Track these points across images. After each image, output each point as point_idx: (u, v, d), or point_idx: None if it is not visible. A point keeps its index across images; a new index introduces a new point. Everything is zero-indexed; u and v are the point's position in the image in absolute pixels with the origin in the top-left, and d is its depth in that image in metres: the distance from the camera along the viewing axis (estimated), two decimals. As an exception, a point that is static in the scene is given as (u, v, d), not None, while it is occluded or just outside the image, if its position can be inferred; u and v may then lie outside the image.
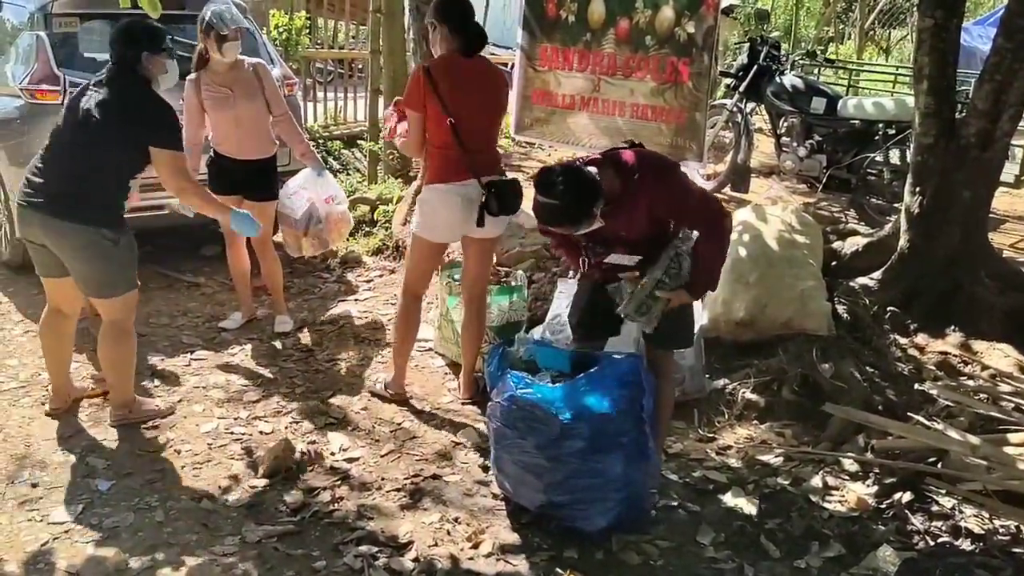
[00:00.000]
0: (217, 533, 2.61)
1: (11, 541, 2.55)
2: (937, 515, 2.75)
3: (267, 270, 4.38)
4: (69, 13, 4.80)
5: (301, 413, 3.48)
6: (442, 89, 3.31)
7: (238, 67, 4.09)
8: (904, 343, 3.87)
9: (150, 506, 2.74)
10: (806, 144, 6.47)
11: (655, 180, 2.65)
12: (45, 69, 4.63)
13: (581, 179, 2.54)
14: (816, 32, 17.46)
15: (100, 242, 3.03)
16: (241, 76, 4.08)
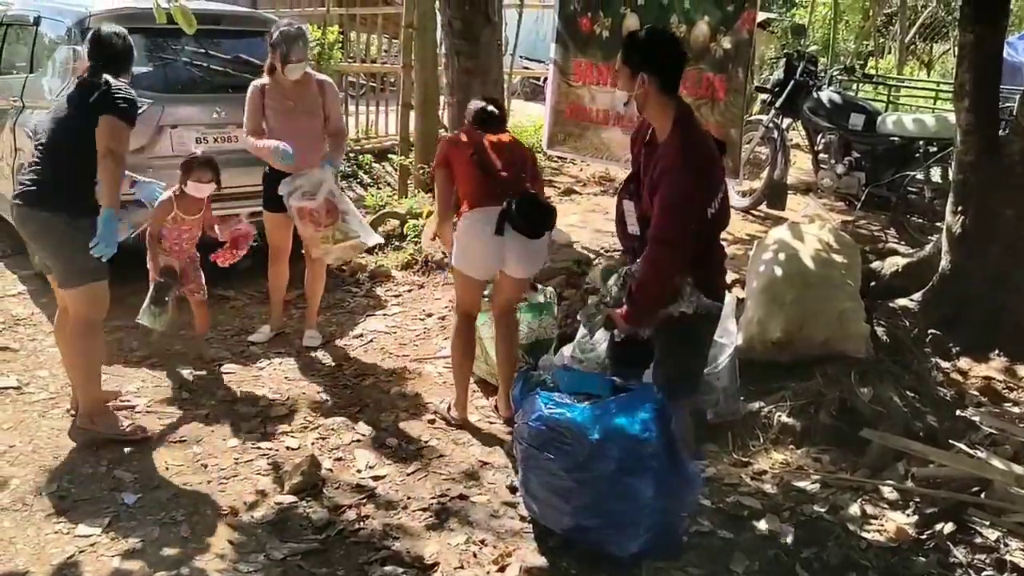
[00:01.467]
0: (242, 550, 2.60)
1: (38, 553, 2.55)
2: (981, 548, 2.65)
3: (313, 278, 4.38)
4: (105, 29, 4.86)
5: (328, 429, 3.46)
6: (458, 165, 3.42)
7: (305, 82, 4.11)
8: (946, 367, 3.77)
9: (176, 520, 2.73)
10: (844, 161, 6.37)
11: (672, 154, 2.58)
12: (80, 83, 4.69)
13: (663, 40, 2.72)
14: (855, 47, 17.24)
15: (60, 228, 3.04)
16: (306, 91, 4.11)
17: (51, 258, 3.17)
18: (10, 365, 3.90)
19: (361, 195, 7.45)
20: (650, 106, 2.65)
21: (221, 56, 5.27)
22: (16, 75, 5.46)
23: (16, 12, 5.81)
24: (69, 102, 3.13)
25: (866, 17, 18.07)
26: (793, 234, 4.10)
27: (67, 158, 3.08)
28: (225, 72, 5.21)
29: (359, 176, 7.80)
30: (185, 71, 5.23)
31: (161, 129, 4.81)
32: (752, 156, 7.11)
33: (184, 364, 4.04)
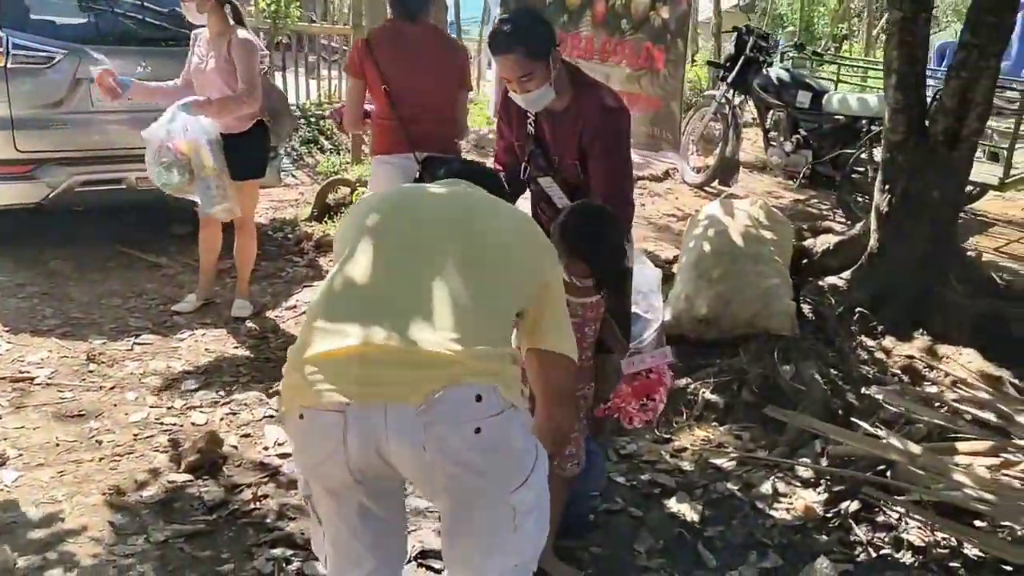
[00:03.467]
0: (122, 532, 2.48)
1: None
2: (881, 526, 2.63)
3: (241, 246, 4.24)
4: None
5: (240, 404, 3.36)
6: (380, 56, 3.21)
7: (224, 36, 3.85)
8: (871, 345, 3.75)
9: (55, 500, 2.61)
10: (792, 139, 6.35)
11: (601, 108, 2.50)
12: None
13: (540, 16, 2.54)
14: (831, 29, 17.27)
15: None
16: (222, 49, 3.86)
17: None
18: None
19: (317, 160, 7.33)
20: (558, 78, 2.53)
21: (155, 8, 5.07)
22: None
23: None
24: None
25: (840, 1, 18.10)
26: (725, 210, 4.05)
27: None
28: (159, 25, 5.01)
29: (319, 142, 7.66)
30: (111, 21, 5.01)
31: (78, 82, 4.62)
32: (706, 131, 7.07)
33: (98, 334, 3.91)
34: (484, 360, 1.41)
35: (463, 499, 1.46)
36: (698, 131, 6.97)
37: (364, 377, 1.38)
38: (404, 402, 1.37)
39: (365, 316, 1.43)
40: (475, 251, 1.56)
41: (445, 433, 1.37)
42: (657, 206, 6.53)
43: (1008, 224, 6.75)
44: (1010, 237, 6.37)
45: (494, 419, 1.40)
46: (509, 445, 1.45)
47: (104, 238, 5.12)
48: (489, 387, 1.39)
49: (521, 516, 1.48)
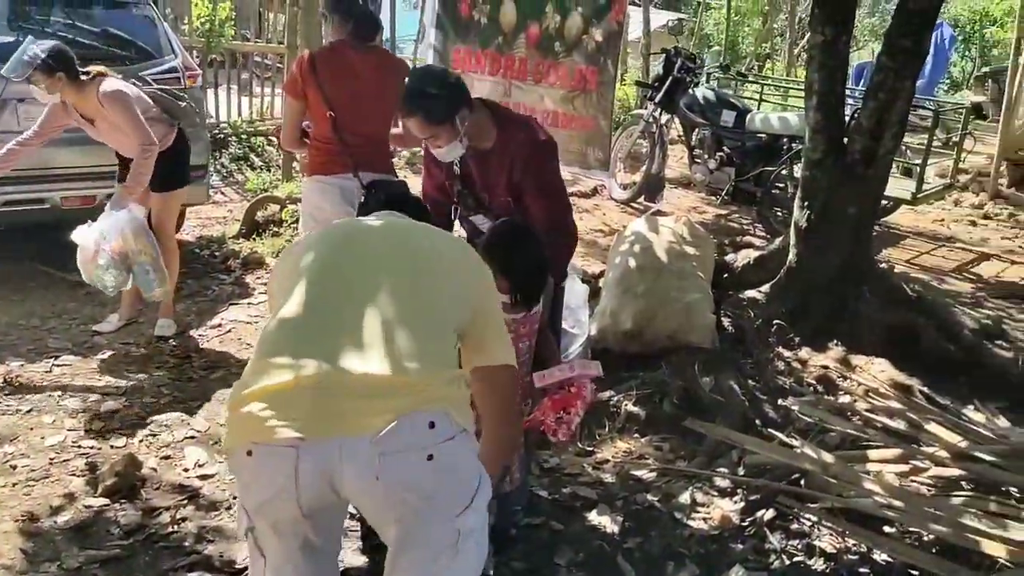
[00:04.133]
0: (34, 559, 2.42)
1: None
2: (795, 534, 2.73)
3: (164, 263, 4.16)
4: None
5: (161, 425, 3.30)
6: (325, 80, 3.20)
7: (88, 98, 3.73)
8: (788, 357, 3.88)
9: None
10: (716, 156, 6.54)
11: (529, 143, 2.55)
12: None
13: (451, 78, 2.50)
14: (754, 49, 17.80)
15: None
16: (98, 109, 3.73)
17: None
18: None
19: (247, 178, 7.24)
20: (474, 125, 2.54)
21: (87, 28, 4.97)
22: None
23: None
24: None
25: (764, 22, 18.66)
26: (650, 226, 4.16)
27: None
28: (90, 45, 4.90)
29: (250, 159, 7.56)
30: (42, 41, 4.91)
31: (5, 103, 4.50)
32: (633, 150, 7.23)
33: (15, 356, 3.79)
34: (436, 386, 1.43)
35: (411, 524, 1.44)
36: (626, 149, 7.13)
37: (318, 410, 1.37)
38: (359, 434, 1.36)
39: (315, 348, 1.43)
40: (417, 277, 1.62)
41: (399, 461, 1.38)
42: (585, 222, 6.63)
43: (919, 236, 7.07)
44: (921, 249, 6.67)
45: (447, 444, 1.42)
46: (459, 468, 1.47)
47: (23, 257, 4.97)
48: (442, 413, 1.42)
49: (463, 539, 1.48)
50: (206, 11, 7.72)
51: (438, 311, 1.60)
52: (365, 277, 1.58)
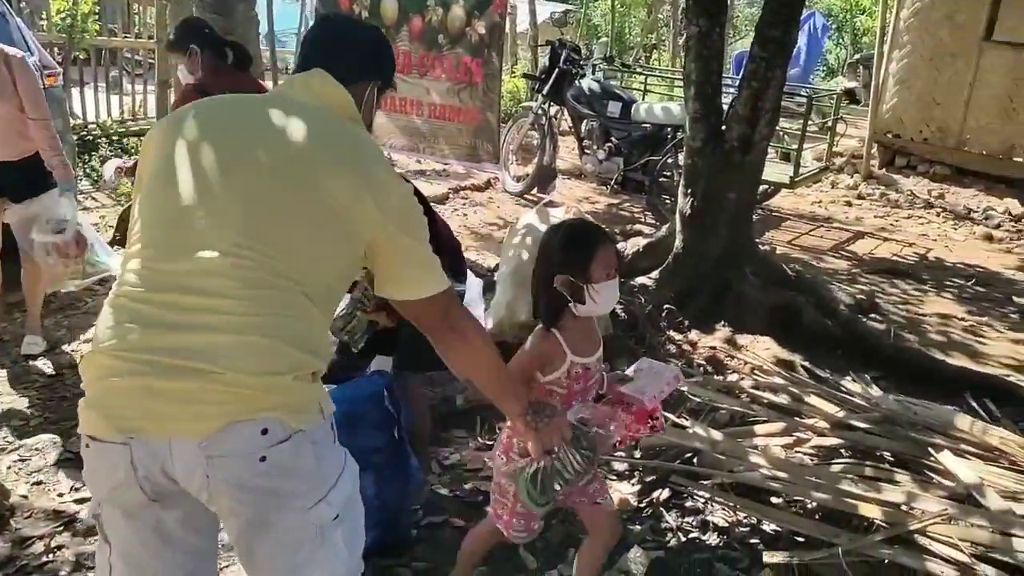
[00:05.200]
0: None
1: None
2: (690, 511, 2.80)
3: (29, 275, 3.89)
4: None
5: (31, 449, 3.09)
6: None
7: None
8: (678, 339, 3.99)
9: None
10: (605, 147, 6.65)
11: None
12: None
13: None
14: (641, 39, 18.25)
15: None
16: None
17: None
18: None
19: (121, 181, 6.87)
20: None
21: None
22: None
23: None
24: None
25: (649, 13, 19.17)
26: (541, 218, 4.17)
27: None
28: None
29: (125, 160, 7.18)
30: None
31: None
32: (524, 141, 7.27)
33: None
34: (273, 392, 1.37)
35: (255, 520, 1.42)
36: (517, 141, 7.16)
37: (147, 412, 1.35)
38: (187, 437, 1.34)
39: (151, 325, 1.36)
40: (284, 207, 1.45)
41: (228, 464, 1.35)
42: (479, 215, 6.64)
43: (798, 218, 7.41)
44: (800, 230, 6.99)
45: (281, 446, 1.38)
46: (298, 466, 1.42)
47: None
48: (275, 420, 1.37)
49: (325, 530, 1.47)
50: (66, 5, 7.28)
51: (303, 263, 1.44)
52: (218, 207, 1.43)
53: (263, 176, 1.45)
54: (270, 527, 1.43)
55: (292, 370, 1.39)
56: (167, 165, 1.48)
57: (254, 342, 1.36)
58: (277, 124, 1.51)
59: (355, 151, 1.54)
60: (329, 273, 1.50)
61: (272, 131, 1.50)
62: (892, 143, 8.83)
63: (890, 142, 8.83)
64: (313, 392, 1.46)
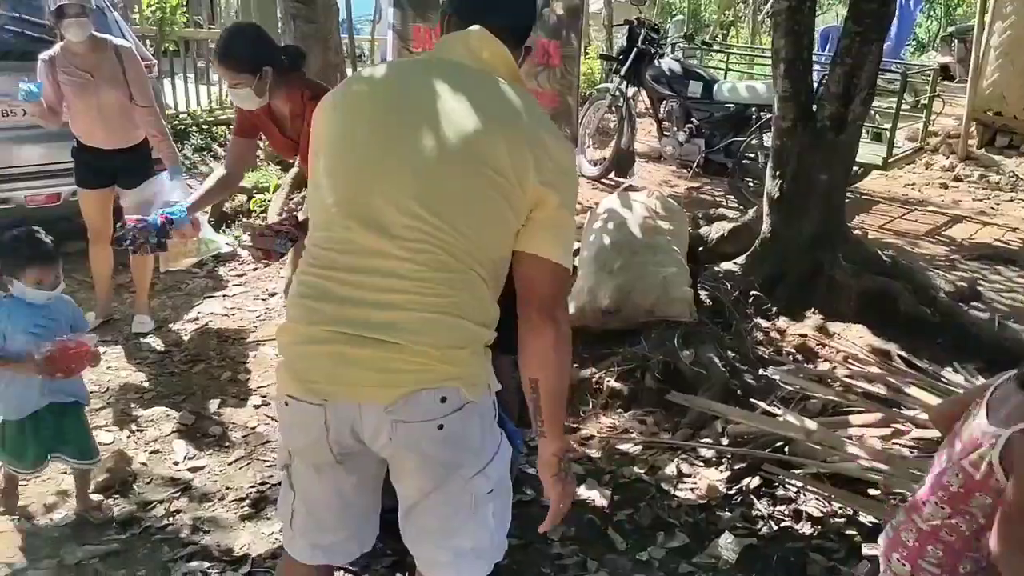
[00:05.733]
0: (33, 556, 2.43)
1: None
2: (781, 500, 2.80)
3: (137, 260, 4.10)
4: None
5: (147, 420, 3.29)
6: None
7: (100, 49, 3.78)
8: (766, 327, 3.94)
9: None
10: (685, 128, 6.57)
11: None
12: None
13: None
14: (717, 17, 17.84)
15: None
16: (103, 60, 3.77)
17: None
18: None
19: (211, 168, 7.15)
20: None
21: (31, 19, 4.85)
22: None
23: None
24: None
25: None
26: (622, 203, 4.17)
27: None
28: (36, 37, 4.77)
29: (212, 149, 7.45)
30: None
31: None
32: (601, 124, 7.23)
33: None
34: (452, 364, 1.47)
35: (426, 483, 1.54)
36: (593, 124, 7.12)
37: (337, 377, 1.46)
38: (374, 402, 1.46)
39: (340, 301, 1.45)
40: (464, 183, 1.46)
41: (410, 429, 1.47)
42: (558, 199, 6.65)
43: (891, 201, 7.18)
44: (893, 214, 6.78)
45: (455, 415, 1.48)
46: (467, 435, 1.52)
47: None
48: (454, 389, 1.47)
49: (479, 502, 1.56)
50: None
51: (474, 242, 1.46)
52: (392, 187, 1.45)
53: (432, 153, 1.45)
54: (435, 491, 1.54)
55: (469, 343, 1.49)
56: (339, 144, 1.53)
57: (434, 319, 1.44)
58: (440, 94, 1.50)
59: (516, 116, 1.50)
60: (497, 249, 1.51)
61: (435, 102, 1.49)
62: (993, 121, 8.44)
63: (990, 120, 8.44)
64: (485, 366, 1.55)
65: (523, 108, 1.51)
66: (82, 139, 3.88)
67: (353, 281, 1.45)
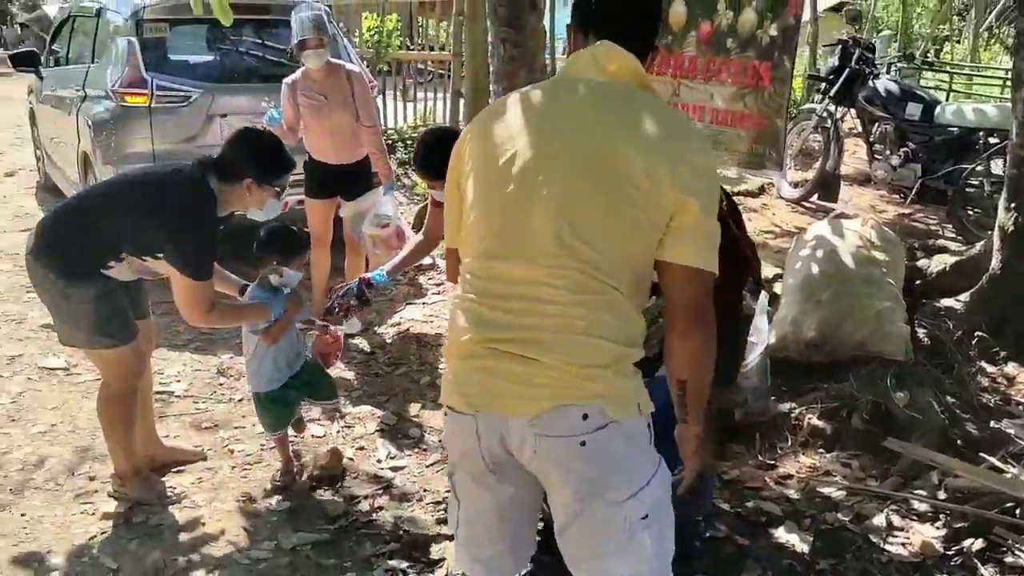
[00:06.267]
0: (255, 537, 2.67)
1: (62, 533, 2.67)
2: (1011, 568, 2.53)
3: (352, 265, 4.44)
4: (159, 19, 5.00)
5: (354, 418, 3.52)
6: None
7: (335, 74, 4.14)
8: (991, 372, 3.61)
9: (196, 505, 2.82)
10: (900, 152, 6.16)
11: None
12: (134, 73, 4.83)
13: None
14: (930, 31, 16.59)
15: (47, 286, 2.63)
16: (337, 84, 4.13)
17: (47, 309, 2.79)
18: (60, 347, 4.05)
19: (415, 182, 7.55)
20: None
21: (272, 45, 5.37)
22: (80, 65, 5.66)
23: (84, 5, 6.05)
24: (147, 184, 2.65)
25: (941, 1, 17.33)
26: (833, 230, 3.97)
27: (95, 228, 2.59)
28: (277, 62, 5.30)
29: (414, 164, 7.86)
30: (237, 60, 5.42)
31: (210, 118, 4.93)
32: (805, 146, 6.93)
33: (225, 349, 4.14)
34: (594, 382, 1.48)
35: (572, 501, 1.54)
36: (796, 145, 6.84)
37: (486, 389, 1.53)
38: (519, 414, 1.50)
39: (489, 325, 1.52)
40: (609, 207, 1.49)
41: (554, 444, 1.50)
42: (754, 223, 6.43)
43: None
44: None
45: (598, 433, 1.48)
46: (613, 454, 1.50)
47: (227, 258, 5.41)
48: (596, 408, 1.47)
49: (633, 528, 1.53)
50: (375, 23, 8.11)
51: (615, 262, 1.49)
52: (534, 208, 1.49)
53: (570, 175, 1.48)
54: (583, 511, 1.54)
55: (612, 363, 1.49)
56: (485, 173, 1.58)
57: (577, 340, 1.47)
58: (572, 114, 1.54)
59: (647, 126, 1.51)
60: (637, 263, 1.52)
61: (569, 123, 1.53)
62: None
63: None
64: (632, 386, 1.53)
65: (653, 116, 1.52)
66: (313, 154, 4.25)
67: (503, 307, 1.51)
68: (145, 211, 2.57)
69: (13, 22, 26.04)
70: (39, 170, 7.28)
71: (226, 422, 3.42)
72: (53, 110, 6.04)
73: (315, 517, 2.79)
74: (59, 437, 3.26)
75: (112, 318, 2.65)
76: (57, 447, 3.19)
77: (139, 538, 2.63)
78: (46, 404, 3.53)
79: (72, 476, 2.99)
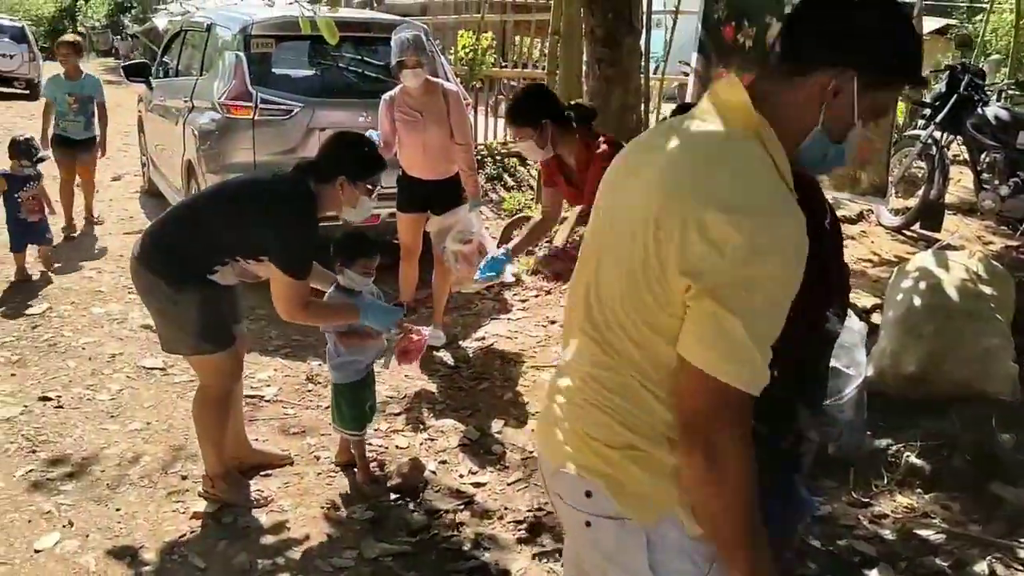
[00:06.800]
0: (338, 544, 2.70)
1: (155, 529, 2.76)
2: None
3: (441, 278, 4.49)
4: (266, 35, 5.20)
5: (437, 431, 3.54)
6: None
7: (431, 92, 4.22)
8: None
9: (282, 509, 2.89)
10: (1010, 182, 5.87)
11: None
12: (240, 87, 5.03)
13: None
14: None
15: (156, 292, 2.72)
16: (433, 101, 4.21)
17: (152, 317, 2.92)
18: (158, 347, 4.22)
19: (503, 197, 7.61)
20: None
21: (371, 62, 5.52)
22: (188, 77, 5.95)
23: (194, 20, 6.34)
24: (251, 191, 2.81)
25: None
26: (938, 261, 3.81)
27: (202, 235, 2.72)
28: (375, 78, 5.44)
29: (503, 179, 7.93)
30: (337, 76, 5.59)
31: (310, 131, 5.09)
32: (908, 173, 6.67)
33: (314, 356, 4.24)
34: (597, 456, 1.30)
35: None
36: (898, 172, 6.59)
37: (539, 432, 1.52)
38: (546, 464, 1.43)
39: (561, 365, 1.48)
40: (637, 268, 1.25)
41: (564, 507, 1.39)
42: (852, 250, 6.20)
43: None
44: None
45: (605, 522, 1.28)
46: (622, 561, 1.29)
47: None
48: (599, 488, 1.28)
49: None
50: (471, 41, 8.24)
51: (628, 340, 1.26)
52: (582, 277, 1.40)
53: (604, 238, 1.33)
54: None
55: (620, 448, 1.28)
56: None
57: (590, 413, 1.33)
58: (638, 166, 1.31)
59: (684, 186, 1.19)
60: (658, 352, 1.23)
61: (631, 176, 1.32)
62: None
63: None
64: (652, 485, 1.26)
65: (703, 173, 1.19)
66: (407, 169, 4.34)
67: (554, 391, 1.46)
68: (254, 214, 2.67)
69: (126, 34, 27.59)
70: (144, 175, 7.66)
71: (313, 428, 3.50)
72: (160, 119, 6.35)
73: (397, 528, 2.81)
74: (154, 435, 3.39)
75: (216, 324, 2.75)
76: (152, 445, 3.31)
77: (227, 539, 2.71)
78: (143, 402, 3.68)
79: (165, 474, 3.10)
